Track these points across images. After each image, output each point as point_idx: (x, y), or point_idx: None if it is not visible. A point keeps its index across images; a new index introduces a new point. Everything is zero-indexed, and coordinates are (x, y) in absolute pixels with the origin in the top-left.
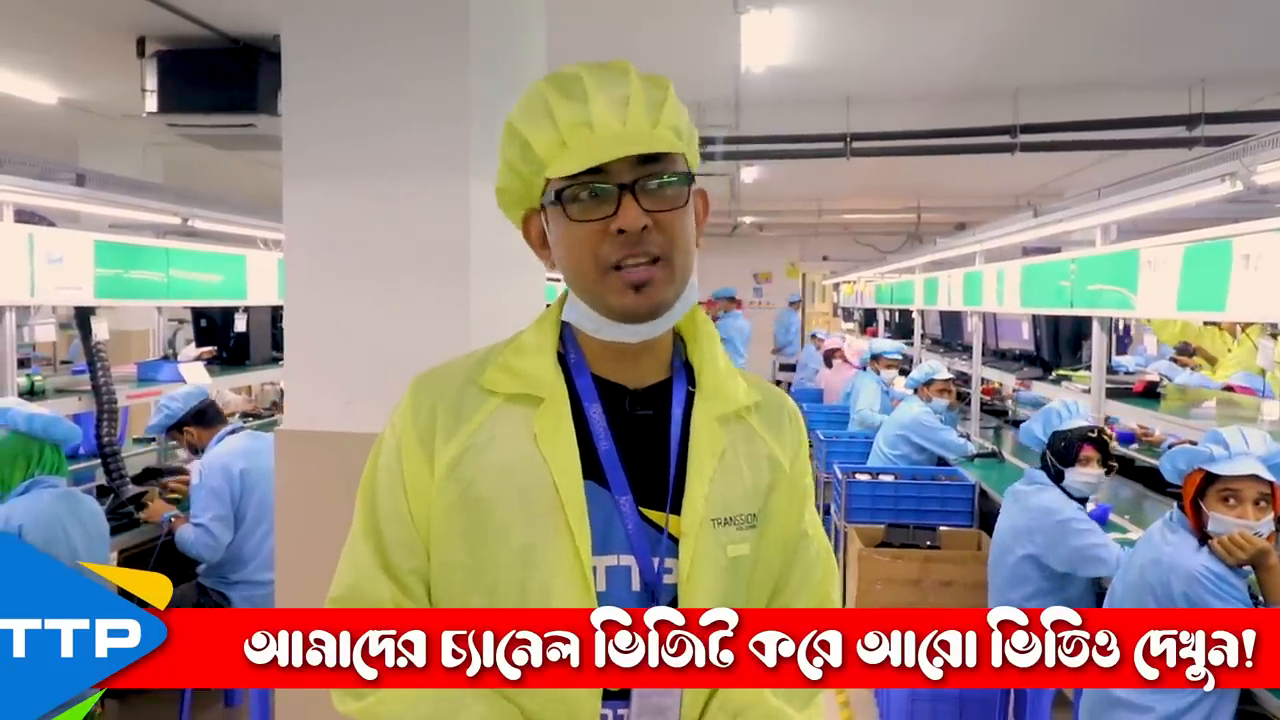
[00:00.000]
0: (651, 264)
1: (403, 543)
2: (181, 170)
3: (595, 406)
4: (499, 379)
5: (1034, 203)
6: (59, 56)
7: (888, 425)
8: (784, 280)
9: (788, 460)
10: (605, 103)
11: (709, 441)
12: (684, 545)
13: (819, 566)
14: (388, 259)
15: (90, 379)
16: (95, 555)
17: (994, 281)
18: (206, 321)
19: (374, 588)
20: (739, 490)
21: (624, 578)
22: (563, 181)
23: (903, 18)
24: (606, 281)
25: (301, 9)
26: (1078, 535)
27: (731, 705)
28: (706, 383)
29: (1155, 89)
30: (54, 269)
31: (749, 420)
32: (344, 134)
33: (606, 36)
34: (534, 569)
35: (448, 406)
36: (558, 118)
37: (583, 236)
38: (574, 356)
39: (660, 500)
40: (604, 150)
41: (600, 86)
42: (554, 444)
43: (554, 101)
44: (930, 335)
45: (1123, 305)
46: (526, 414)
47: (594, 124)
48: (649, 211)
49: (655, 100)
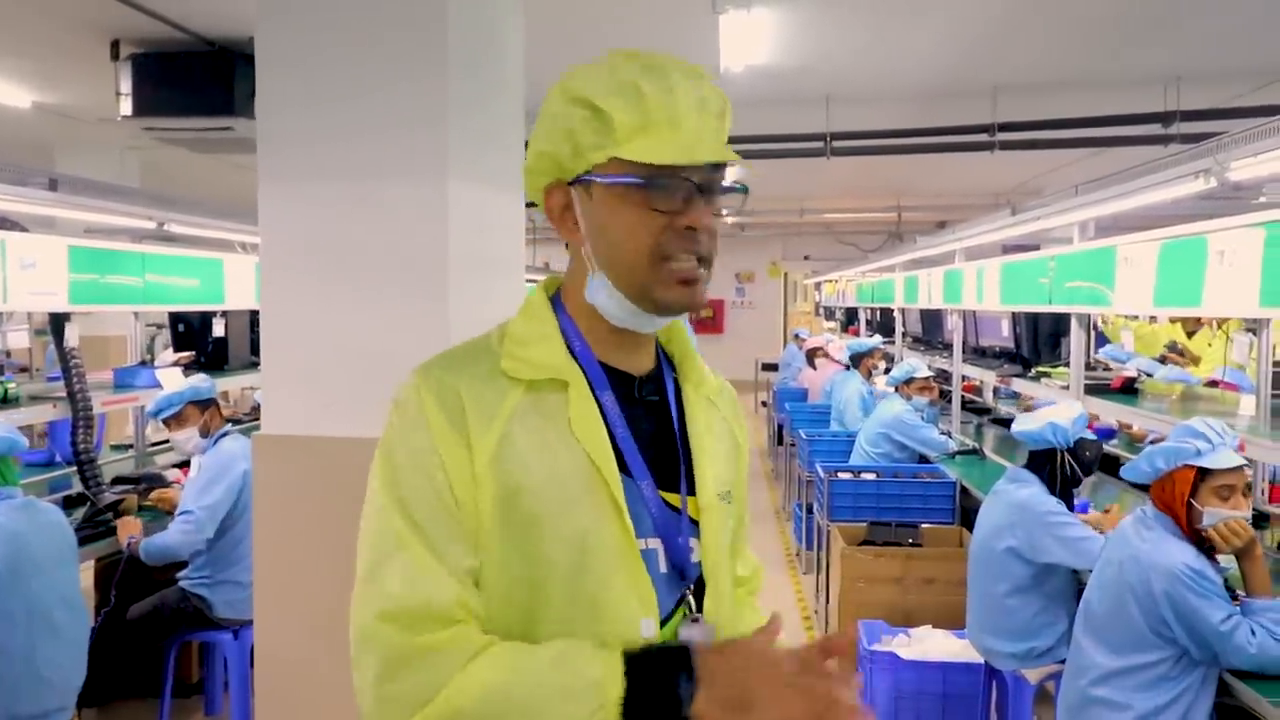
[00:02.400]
0: (698, 263)
1: (454, 538)
2: (159, 174)
3: (608, 395)
4: (517, 367)
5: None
6: (32, 60)
7: (869, 424)
8: (766, 280)
9: (743, 440)
10: (688, 99)
11: (705, 422)
12: (705, 523)
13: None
14: (365, 263)
15: (65, 385)
16: (61, 565)
17: (974, 279)
18: (184, 326)
19: (439, 591)
20: (724, 467)
21: (654, 560)
22: (640, 168)
23: (881, 17)
24: (657, 272)
25: (276, 10)
26: (1062, 528)
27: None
28: (690, 369)
29: (1131, 86)
30: (27, 274)
31: (716, 402)
32: (320, 137)
33: (584, 38)
34: (590, 555)
35: (474, 395)
36: (647, 101)
37: (650, 226)
38: (578, 345)
39: (673, 482)
40: (696, 150)
41: (684, 81)
42: (588, 432)
43: (642, 83)
44: (911, 333)
45: (1100, 302)
46: (554, 400)
47: (679, 119)
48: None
49: (722, 110)
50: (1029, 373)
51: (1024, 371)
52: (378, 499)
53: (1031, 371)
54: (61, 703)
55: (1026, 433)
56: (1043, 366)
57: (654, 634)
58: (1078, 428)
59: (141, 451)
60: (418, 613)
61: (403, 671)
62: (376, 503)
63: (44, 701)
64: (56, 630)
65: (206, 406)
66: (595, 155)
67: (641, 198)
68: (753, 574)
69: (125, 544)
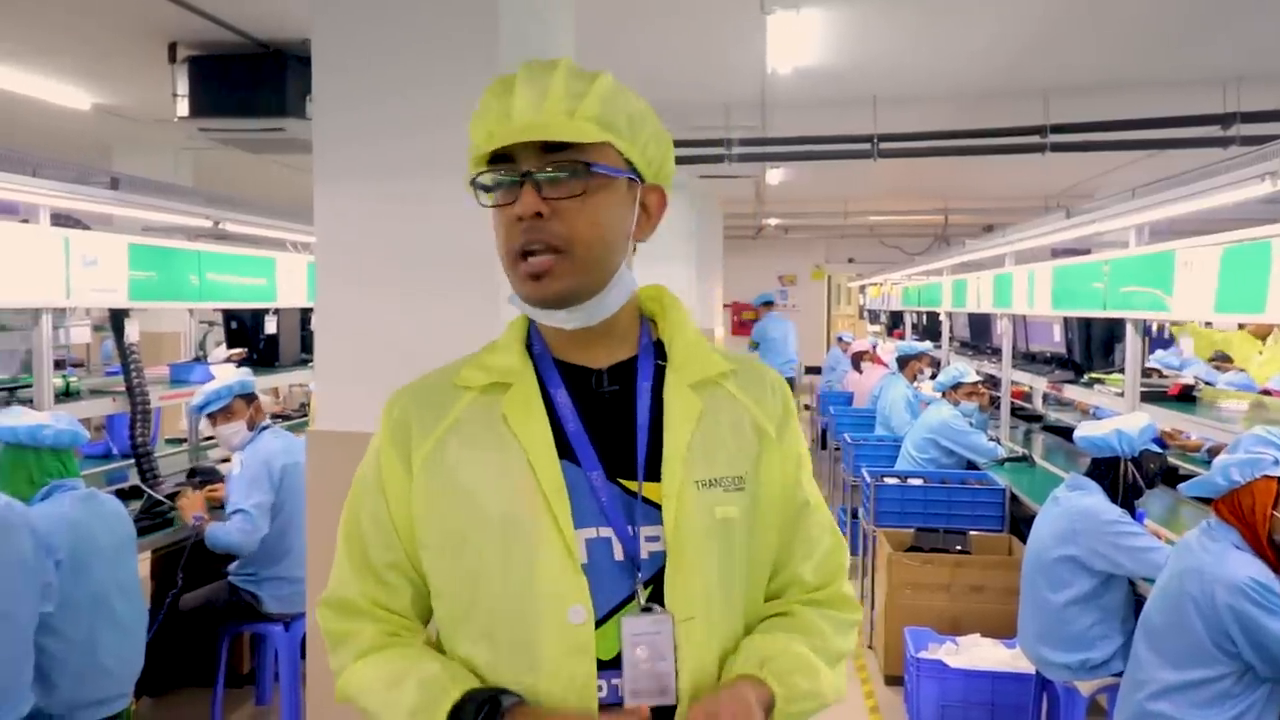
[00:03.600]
0: (552, 254)
1: (381, 543)
2: (211, 174)
3: (560, 391)
4: (472, 375)
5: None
6: (93, 62)
7: (916, 429)
8: (809, 283)
9: (774, 427)
10: (528, 95)
11: (683, 408)
12: (666, 508)
13: (827, 536)
14: (419, 260)
15: (124, 380)
16: (121, 555)
17: (1025, 283)
18: (237, 323)
19: (348, 590)
20: (722, 453)
21: (605, 549)
22: (476, 169)
23: (931, 17)
24: (515, 270)
25: (331, 13)
26: (1128, 537)
27: (758, 653)
28: (677, 354)
29: (1189, 87)
30: (89, 271)
31: (726, 386)
32: (374, 136)
33: (633, 38)
34: (516, 543)
35: (422, 408)
36: (484, 111)
37: (498, 224)
38: (538, 347)
39: (631, 469)
40: (502, 135)
41: (528, 81)
42: (524, 423)
43: (487, 96)
44: (958, 338)
45: (1158, 307)
46: (497, 400)
47: (512, 115)
48: (548, 200)
49: (576, 92)
50: (1081, 379)
51: (1076, 377)
52: (346, 503)
53: (1084, 377)
54: (120, 690)
55: (1091, 439)
56: (1096, 373)
57: (585, 621)
58: (1144, 437)
59: (195, 445)
60: (336, 604)
61: (329, 648)
62: (345, 505)
63: (104, 689)
64: (116, 619)
65: (252, 400)
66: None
67: (480, 198)
68: (825, 584)
69: (192, 521)
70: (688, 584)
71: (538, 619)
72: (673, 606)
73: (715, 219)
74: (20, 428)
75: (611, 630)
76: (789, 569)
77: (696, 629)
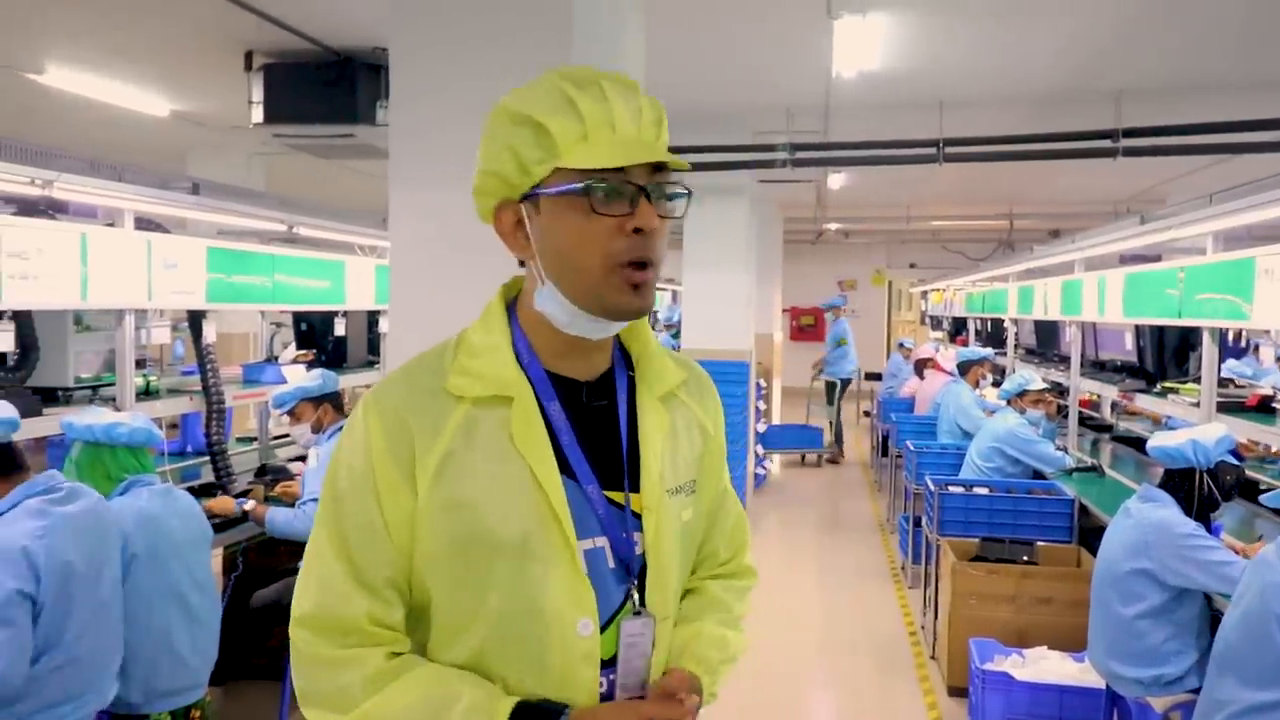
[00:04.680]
0: (652, 269)
1: (375, 555)
2: (281, 179)
3: (554, 405)
4: (464, 384)
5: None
6: (172, 70)
7: (981, 437)
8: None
9: (712, 426)
10: (624, 108)
11: (656, 421)
12: (648, 519)
13: (734, 513)
14: (489, 266)
15: (200, 380)
16: (195, 549)
17: (1095, 290)
18: (307, 325)
19: (347, 608)
20: (682, 460)
21: (600, 558)
22: (582, 175)
23: (1000, 20)
24: (610, 278)
25: (408, 16)
26: (1203, 551)
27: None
28: (646, 367)
29: (1266, 90)
30: (169, 274)
31: (680, 395)
32: (449, 138)
33: (700, 40)
34: (528, 559)
35: (420, 416)
36: (583, 112)
37: (597, 231)
38: (526, 354)
39: (618, 481)
40: (634, 151)
41: (617, 92)
42: (530, 443)
43: (576, 97)
44: (1024, 345)
45: (1236, 316)
46: (498, 415)
47: (615, 125)
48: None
49: (659, 118)
50: (1154, 388)
51: (1148, 387)
52: (319, 511)
53: (1157, 387)
54: (196, 680)
55: (1165, 449)
56: (1169, 382)
57: (592, 633)
58: (1220, 449)
59: (265, 444)
60: (325, 624)
61: (314, 675)
62: (317, 514)
63: (180, 679)
64: (191, 612)
65: (320, 403)
66: (540, 170)
67: (586, 203)
68: (733, 556)
69: (235, 509)
70: (665, 586)
71: (547, 631)
72: (653, 608)
73: (775, 224)
74: (96, 426)
75: (610, 634)
76: (709, 545)
77: (667, 626)
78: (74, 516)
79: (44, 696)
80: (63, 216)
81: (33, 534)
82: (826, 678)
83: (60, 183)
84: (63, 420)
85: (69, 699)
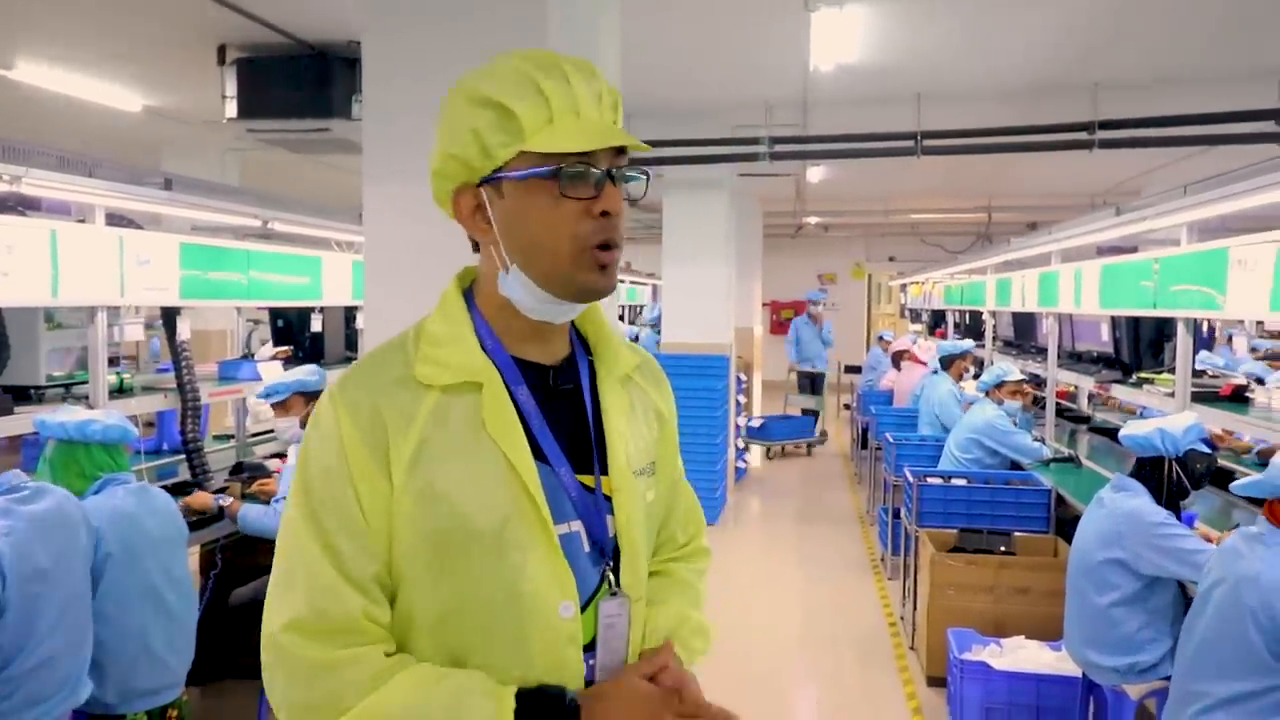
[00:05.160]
0: (617, 250)
1: (360, 550)
2: (256, 175)
3: (522, 389)
4: (432, 372)
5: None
6: (144, 65)
7: (959, 428)
8: (849, 281)
9: (667, 411)
10: (587, 92)
11: (618, 404)
12: (618, 500)
13: (689, 497)
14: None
15: (175, 377)
16: (172, 547)
17: (1071, 282)
18: (283, 322)
19: (342, 606)
20: (643, 442)
21: (576, 542)
22: (548, 159)
23: (977, 13)
24: (579, 260)
25: (382, 12)
26: (1174, 539)
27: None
28: (604, 351)
29: (1241, 82)
30: (142, 270)
31: (635, 379)
32: (423, 135)
33: (678, 34)
34: (509, 547)
35: (391, 406)
36: (549, 95)
37: (565, 214)
38: (490, 341)
39: (588, 464)
40: (600, 135)
41: (580, 76)
42: (502, 428)
43: (541, 80)
44: (1002, 337)
45: (1209, 306)
46: (468, 402)
47: (580, 110)
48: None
49: (616, 102)
50: (1130, 379)
51: (1124, 377)
52: (291, 511)
53: (1133, 377)
54: (173, 680)
55: (1134, 439)
56: (1145, 372)
57: (573, 615)
58: (1189, 437)
59: (242, 442)
60: (319, 626)
61: (309, 683)
62: (289, 515)
63: (157, 678)
64: (167, 610)
65: (311, 399)
66: (503, 153)
67: (554, 187)
68: (690, 540)
69: (214, 504)
70: (636, 567)
71: (530, 616)
72: (627, 588)
73: (755, 217)
74: (69, 424)
75: (588, 617)
76: (667, 529)
77: (640, 607)
78: (39, 515)
79: (15, 699)
80: (35, 213)
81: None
82: (807, 669)
83: (29, 178)
84: (36, 418)
85: (42, 699)
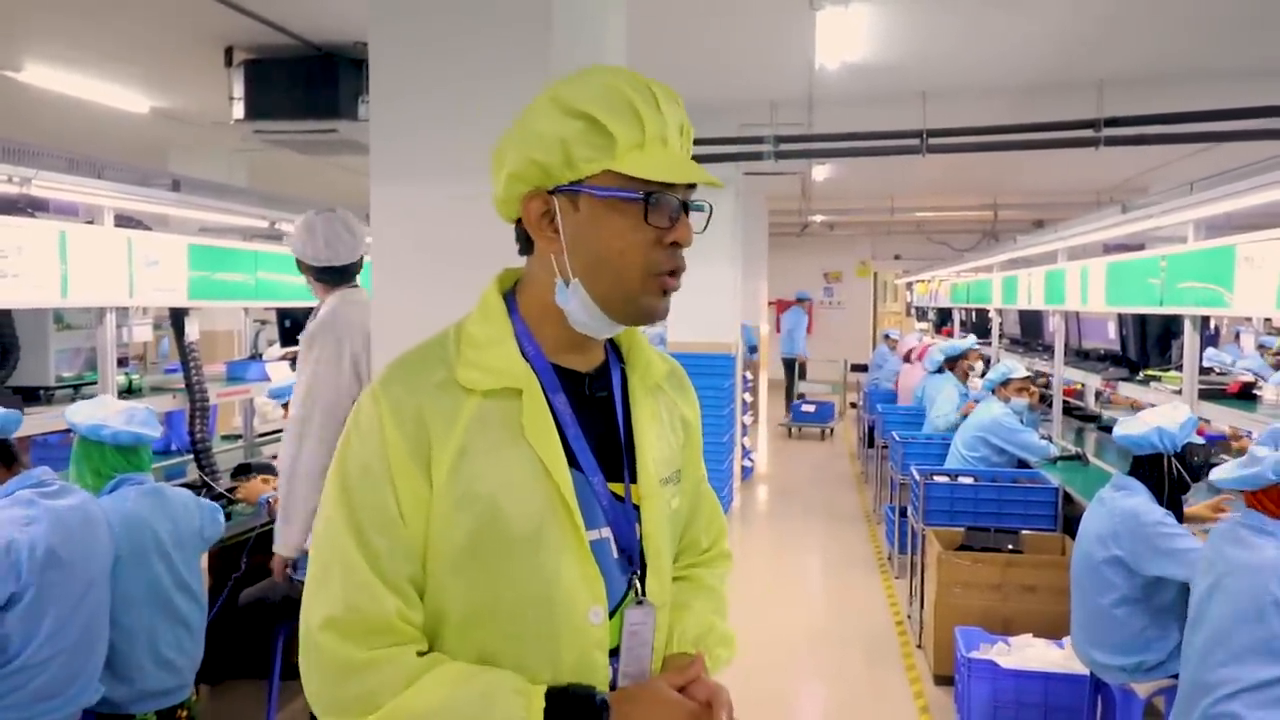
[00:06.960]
0: (678, 276)
1: (396, 550)
2: (263, 176)
3: (560, 397)
4: (474, 377)
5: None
6: (152, 67)
7: (965, 427)
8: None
9: (693, 417)
10: (674, 122)
11: (649, 413)
12: (646, 508)
13: (712, 502)
14: (472, 260)
15: (184, 377)
16: (184, 550)
17: (1078, 280)
18: (290, 322)
19: (377, 605)
20: (670, 451)
21: (605, 549)
22: (635, 183)
23: (983, 9)
24: (647, 284)
25: (388, 13)
26: (1171, 539)
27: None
28: (637, 360)
29: (1248, 79)
30: (151, 271)
31: (664, 387)
32: (430, 135)
33: (683, 34)
34: (542, 551)
35: (434, 408)
36: (645, 121)
37: (642, 240)
38: (530, 347)
39: (618, 472)
40: (685, 170)
41: (669, 104)
42: (540, 436)
43: (639, 105)
44: (1008, 335)
45: (1217, 303)
46: (507, 408)
47: (667, 139)
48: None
49: (691, 134)
50: (1136, 376)
51: (1131, 375)
52: (328, 510)
53: (1139, 375)
54: (182, 681)
55: (1130, 437)
56: (1152, 370)
57: (602, 621)
58: (1185, 431)
59: (250, 441)
60: (356, 625)
61: (343, 681)
62: (327, 513)
63: (166, 680)
64: (176, 614)
65: None
66: (588, 167)
67: (638, 211)
68: (713, 544)
69: (260, 503)
70: (662, 575)
71: (561, 620)
72: (652, 596)
73: (760, 216)
74: (83, 424)
75: (614, 624)
76: (690, 534)
77: (664, 615)
78: (63, 511)
79: (26, 692)
80: (43, 214)
81: (18, 522)
82: (814, 667)
83: (38, 180)
84: (65, 410)
85: (52, 695)
